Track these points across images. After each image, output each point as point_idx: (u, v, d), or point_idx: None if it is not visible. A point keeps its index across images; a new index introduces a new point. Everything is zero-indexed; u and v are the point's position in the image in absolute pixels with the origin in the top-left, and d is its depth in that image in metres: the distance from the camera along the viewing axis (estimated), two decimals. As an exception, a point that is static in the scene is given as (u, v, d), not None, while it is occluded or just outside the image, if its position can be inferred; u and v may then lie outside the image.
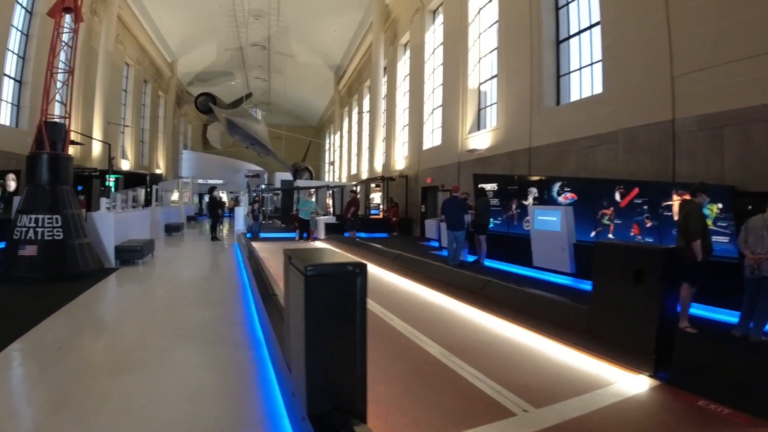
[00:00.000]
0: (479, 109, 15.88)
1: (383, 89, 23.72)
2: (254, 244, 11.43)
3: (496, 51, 14.72)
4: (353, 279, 2.24)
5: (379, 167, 23.22)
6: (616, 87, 9.48)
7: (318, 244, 13.58)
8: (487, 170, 13.55)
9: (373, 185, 20.35)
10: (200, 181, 34.66)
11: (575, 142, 10.60)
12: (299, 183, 22.62)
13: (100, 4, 20.44)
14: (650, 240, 8.08)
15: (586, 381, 3.68)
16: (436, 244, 14.74)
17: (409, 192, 20.11)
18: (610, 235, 8.85)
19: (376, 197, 19.95)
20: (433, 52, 19.45)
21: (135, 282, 7.72)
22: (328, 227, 14.37)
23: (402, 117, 23.03)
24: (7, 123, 14.80)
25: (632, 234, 8.47)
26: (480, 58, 15.89)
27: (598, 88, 10.46)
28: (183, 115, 40.53)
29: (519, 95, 12.84)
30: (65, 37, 8.09)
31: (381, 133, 23.36)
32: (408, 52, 22.62)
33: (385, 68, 24.17)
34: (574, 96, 11.56)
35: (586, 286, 7.95)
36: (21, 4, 15.06)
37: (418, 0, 20.06)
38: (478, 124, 15.77)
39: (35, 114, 8.06)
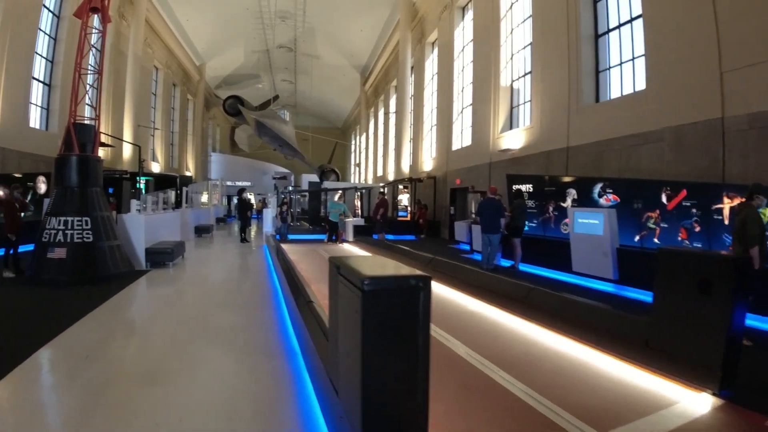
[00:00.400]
0: (512, 108, 15.37)
1: (410, 89, 23.38)
2: (283, 246, 11.27)
3: (529, 47, 14.22)
4: (416, 294, 1.94)
5: (406, 168, 22.90)
6: (661, 83, 8.93)
7: (346, 247, 13.36)
8: (520, 171, 13.09)
9: (400, 187, 20.03)
10: (228, 183, 35.08)
11: (617, 141, 10.06)
12: (326, 185, 22.48)
13: (128, 7, 20.82)
14: (699, 245, 7.56)
15: (647, 400, 3.38)
16: (466, 247, 14.30)
17: (437, 193, 19.71)
18: (656, 240, 8.34)
19: (404, 199, 19.61)
20: (462, 50, 19.02)
21: (165, 284, 7.62)
22: (357, 229, 14.11)
23: (430, 117, 22.65)
24: (37, 126, 15.11)
25: (680, 239, 7.94)
26: (512, 55, 15.38)
27: (641, 85, 9.91)
28: (211, 118, 41.17)
29: (555, 92, 12.32)
30: (93, 38, 8.07)
31: (408, 133, 23.03)
32: (436, 51, 22.24)
33: (412, 67, 23.85)
34: (615, 93, 11.01)
35: (631, 293, 7.52)
36: (48, 8, 15.33)
37: (447, -4, 19.67)
38: (511, 123, 15.26)
39: (65, 117, 8.10)
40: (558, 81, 12.13)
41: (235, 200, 36.50)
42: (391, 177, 29.24)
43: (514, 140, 14.20)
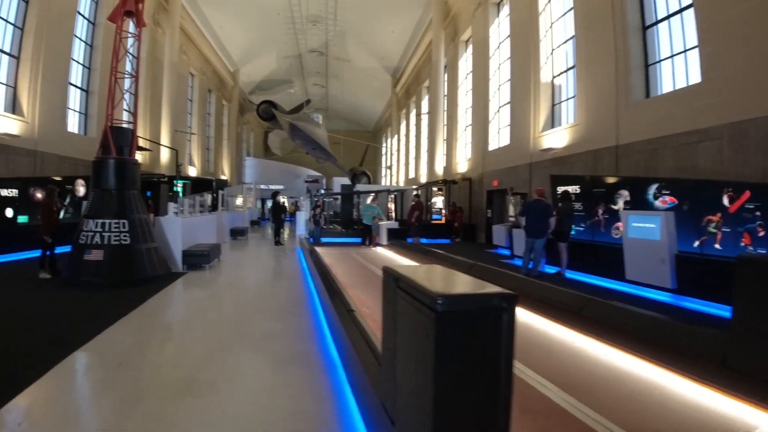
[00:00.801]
0: (553, 105, 14.70)
1: (443, 88, 22.91)
2: (317, 249, 11.07)
3: (571, 41, 13.59)
4: (498, 315, 1.57)
5: (440, 170, 22.42)
6: (718, 76, 8.20)
7: (380, 251, 13.05)
8: (564, 171, 12.44)
9: (434, 189, 19.57)
10: (262, 186, 35.55)
11: (671, 138, 9.37)
12: (359, 187, 22.27)
13: (163, 15, 21.30)
14: (762, 251, 6.83)
15: (724, 426, 2.96)
16: (506, 252, 13.73)
17: (472, 195, 19.15)
18: (717, 246, 7.62)
19: (438, 201, 19.15)
20: (498, 47, 18.44)
21: (201, 287, 7.52)
22: (391, 232, 13.77)
23: (464, 117, 22.11)
24: (76, 131, 15.58)
25: (743, 244, 7.21)
26: (553, 50, 14.72)
27: (695, 78, 9.18)
28: (245, 123, 41.89)
29: (601, 88, 11.65)
30: (129, 43, 8.08)
31: (441, 134, 22.55)
32: (470, 49, 21.70)
33: (445, 66, 23.38)
34: (667, 87, 10.27)
35: (691, 304, 6.85)
36: (83, 15, 15.73)
37: (481, -7, 19.15)
38: (552, 121, 14.59)
39: (102, 122, 8.14)
40: (604, 76, 11.48)
41: (268, 203, 37.32)
42: (423, 179, 28.81)
43: (556, 139, 13.55)
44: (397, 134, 37.87)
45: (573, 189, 10.94)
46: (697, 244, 7.89)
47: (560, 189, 11.19)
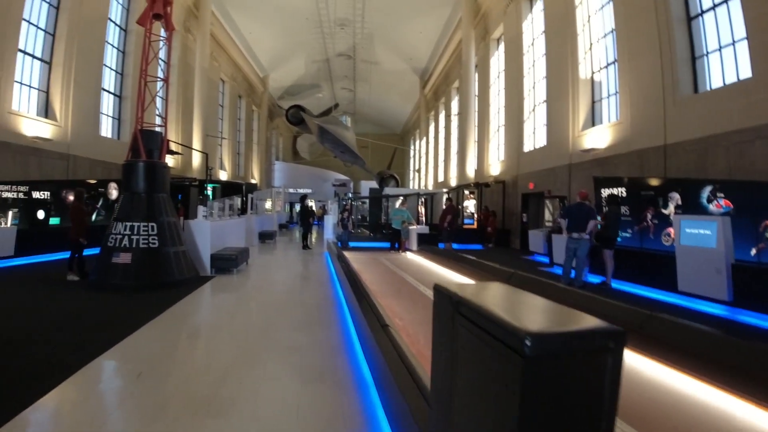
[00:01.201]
0: (593, 103, 13.95)
1: (474, 88, 22.31)
2: (346, 254, 10.73)
3: (610, 35, 12.89)
4: (602, 358, 1.13)
5: (471, 173, 21.80)
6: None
7: (410, 256, 12.61)
8: (607, 172, 11.78)
9: (466, 192, 18.99)
10: (291, 190, 35.69)
11: (724, 136, 8.68)
12: (388, 191, 21.90)
13: (193, 21, 21.59)
14: None
15: None
16: (544, 259, 13.03)
17: (506, 199, 18.47)
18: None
19: (470, 205, 18.53)
20: (531, 44, 17.76)
21: (228, 292, 7.30)
22: (421, 237, 13.29)
23: (496, 117, 21.45)
24: (109, 135, 15.86)
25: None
26: (591, 44, 14.00)
27: (745, 72, 8.49)
28: (274, 128, 42.32)
29: (646, 83, 10.95)
30: (160, 46, 7.99)
31: (473, 135, 21.94)
32: (501, 47, 21.06)
33: (475, 66, 22.78)
34: (716, 82, 9.60)
35: (749, 318, 6.17)
36: (114, 22, 15.99)
37: (513, -11, 18.53)
38: (593, 120, 13.83)
39: (134, 126, 8.08)
40: (649, 70, 10.79)
41: (297, 207, 37.53)
42: (453, 182, 28.22)
43: (598, 138, 12.80)
44: (426, 136, 37.37)
45: (618, 191, 10.29)
46: (754, 252, 7.23)
47: (605, 192, 10.61)
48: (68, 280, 7.48)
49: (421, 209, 18.94)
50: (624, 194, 10.12)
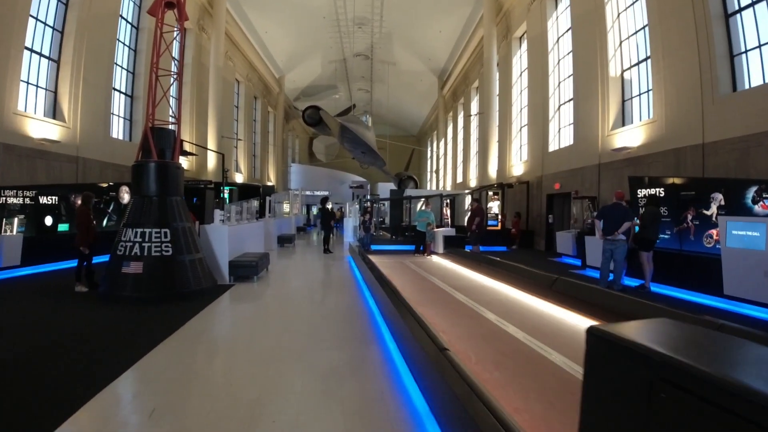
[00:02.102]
0: (623, 101, 13.33)
1: (496, 87, 21.71)
2: (371, 258, 10.28)
3: (642, 31, 12.38)
4: None
5: (493, 173, 21.21)
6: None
7: (435, 260, 12.13)
8: (640, 172, 11.26)
9: (490, 193, 18.42)
10: (307, 192, 35.46)
11: (766, 135, 8.28)
12: (409, 192, 21.41)
13: (208, 20, 21.34)
14: None
15: None
16: (574, 261, 12.46)
17: (530, 200, 17.87)
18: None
19: (494, 206, 17.98)
20: (557, 42, 17.14)
21: (249, 303, 6.87)
22: (447, 240, 12.79)
23: (518, 117, 20.84)
24: (120, 137, 15.46)
25: None
26: (621, 41, 13.38)
27: None
28: (290, 129, 42.18)
29: (682, 80, 10.46)
30: (174, 35, 7.61)
31: (494, 135, 21.34)
32: (524, 46, 20.47)
33: (497, 65, 22.18)
34: (755, 80, 9.20)
35: None
36: (126, 19, 15.67)
37: (537, -14, 17.94)
38: (623, 118, 13.22)
39: (147, 127, 7.67)
40: (685, 67, 10.34)
41: (314, 209, 37.33)
42: (473, 183, 27.68)
43: (630, 137, 12.20)
44: (444, 137, 36.81)
45: (655, 191, 9.80)
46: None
47: (641, 192, 10.10)
48: (76, 292, 7.10)
49: (446, 211, 18.39)
50: (662, 194, 9.64)
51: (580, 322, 5.62)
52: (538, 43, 18.04)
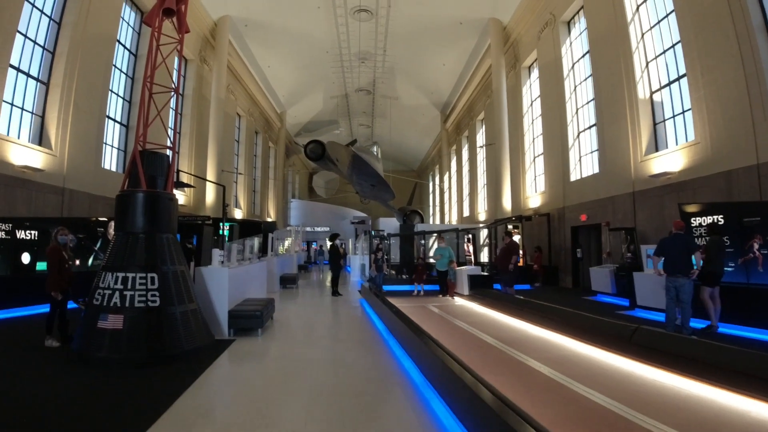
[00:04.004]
0: (655, 124, 12.39)
1: (506, 118, 20.91)
2: (390, 301, 8.89)
3: (673, 49, 11.63)
4: None
5: (507, 205, 20.10)
6: None
7: (460, 302, 10.76)
8: (685, 198, 10.25)
9: (510, 227, 17.24)
10: (308, 228, 34.28)
11: None
12: (423, 227, 20.17)
13: (210, 52, 20.71)
14: None
15: None
16: (617, 301, 11.12)
17: (552, 233, 16.65)
18: None
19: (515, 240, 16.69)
20: (572, 67, 16.45)
21: (255, 368, 5.39)
22: (473, 280, 11.41)
23: (532, 147, 19.94)
24: (113, 168, 14.27)
25: None
26: (648, 62, 12.59)
27: None
28: (291, 165, 41.48)
29: (727, 97, 9.59)
30: (173, 53, 6.55)
31: (507, 166, 20.37)
32: (534, 74, 19.86)
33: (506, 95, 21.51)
34: None
35: None
36: (124, 45, 14.84)
37: (546, 13, 17.46)
38: (656, 143, 12.24)
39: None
40: (729, 83, 9.49)
41: (314, 245, 35.98)
42: (482, 216, 26.63)
43: (669, 162, 11.18)
44: (448, 171, 36.05)
45: (713, 219, 8.70)
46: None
47: (694, 221, 8.99)
48: (46, 347, 5.80)
49: (468, 247, 17.04)
50: (721, 222, 8.51)
51: (678, 383, 4.35)
52: (551, 70, 17.37)
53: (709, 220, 8.76)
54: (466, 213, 30.91)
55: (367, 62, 27.30)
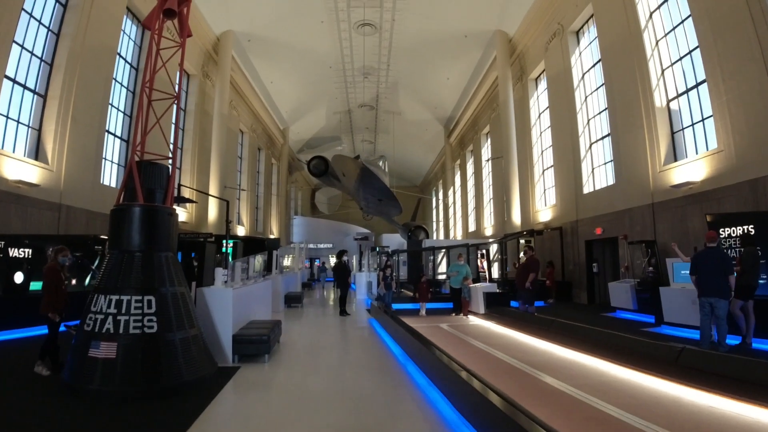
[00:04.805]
0: (673, 133, 11.97)
1: (513, 131, 20.55)
2: (403, 321, 8.32)
3: (690, 55, 11.29)
4: None
5: (517, 219, 19.59)
6: None
7: (475, 321, 10.18)
8: (708, 208, 9.85)
9: (522, 242, 16.68)
10: (311, 245, 33.80)
11: None
12: (431, 242, 19.63)
13: (212, 67, 20.47)
14: None
15: None
16: (639, 317, 10.54)
17: (564, 247, 16.11)
18: None
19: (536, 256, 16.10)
20: (582, 78, 16.13)
21: (265, 400, 4.80)
22: (489, 297, 10.81)
23: (541, 160, 19.52)
24: (113, 184, 13.79)
25: None
26: (663, 69, 12.23)
27: None
28: (293, 182, 41.22)
29: (751, 102, 9.20)
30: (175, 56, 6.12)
31: (516, 180, 19.93)
32: (542, 85, 19.58)
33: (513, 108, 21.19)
34: None
35: None
36: (124, 58, 14.50)
37: (553, 24, 17.23)
38: (674, 152, 11.81)
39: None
40: (753, 88, 9.12)
41: (317, 262, 35.38)
42: (488, 231, 26.09)
43: (690, 171, 10.73)
44: (453, 185, 35.66)
45: (743, 229, 8.25)
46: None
47: (723, 231, 8.51)
48: (35, 373, 5.25)
49: (482, 263, 16.45)
50: (752, 231, 8.11)
51: (739, 410, 3.81)
52: (560, 80, 17.06)
53: (738, 231, 8.30)
54: (471, 228, 30.39)
55: (371, 77, 27.14)
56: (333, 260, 37.68)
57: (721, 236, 8.44)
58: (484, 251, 16.91)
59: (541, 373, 5.48)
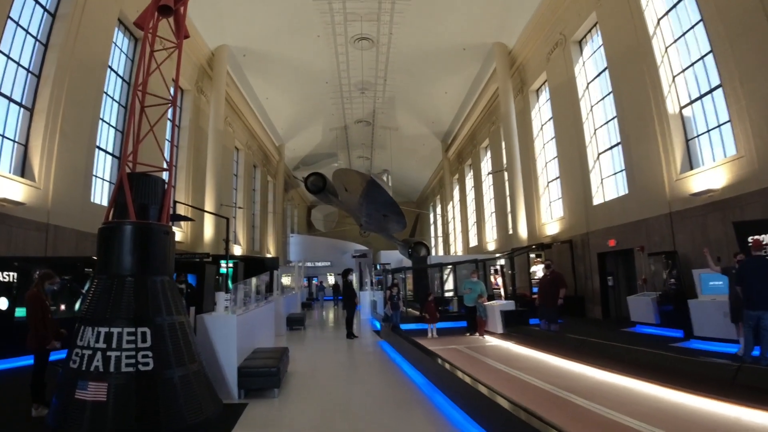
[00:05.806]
0: (687, 140, 11.59)
1: (516, 143, 20.20)
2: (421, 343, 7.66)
3: (702, 61, 10.97)
4: None
5: (523, 233, 19.09)
6: None
7: (493, 342, 9.54)
8: (731, 216, 9.46)
9: (533, 256, 16.13)
10: (308, 264, 33.09)
11: None
12: (438, 259, 19.02)
13: (207, 82, 20.02)
14: None
15: None
16: (664, 332, 9.97)
17: (575, 261, 15.57)
18: None
19: (538, 270, 15.58)
20: (587, 87, 15.84)
21: None
22: (507, 316, 10.17)
23: (545, 172, 19.12)
24: (104, 202, 12.97)
25: None
26: (674, 75, 11.93)
27: None
28: (289, 200, 40.66)
29: None
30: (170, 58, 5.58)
31: (521, 193, 19.50)
32: (544, 96, 19.30)
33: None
34: None
35: None
36: (116, 72, 13.98)
37: (555, 34, 17.03)
38: (690, 160, 11.42)
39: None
40: None
41: (315, 281, 34.59)
42: (490, 246, 25.59)
43: (710, 179, 10.30)
44: (452, 200, 35.25)
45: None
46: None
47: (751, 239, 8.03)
48: (34, 417, 4.55)
49: (496, 280, 15.83)
50: None
51: None
52: (564, 91, 16.77)
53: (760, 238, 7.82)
54: (473, 243, 29.87)
55: (367, 92, 26.83)
56: (331, 279, 37.09)
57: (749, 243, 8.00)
58: (498, 267, 16.29)
59: (588, 402, 4.87)
